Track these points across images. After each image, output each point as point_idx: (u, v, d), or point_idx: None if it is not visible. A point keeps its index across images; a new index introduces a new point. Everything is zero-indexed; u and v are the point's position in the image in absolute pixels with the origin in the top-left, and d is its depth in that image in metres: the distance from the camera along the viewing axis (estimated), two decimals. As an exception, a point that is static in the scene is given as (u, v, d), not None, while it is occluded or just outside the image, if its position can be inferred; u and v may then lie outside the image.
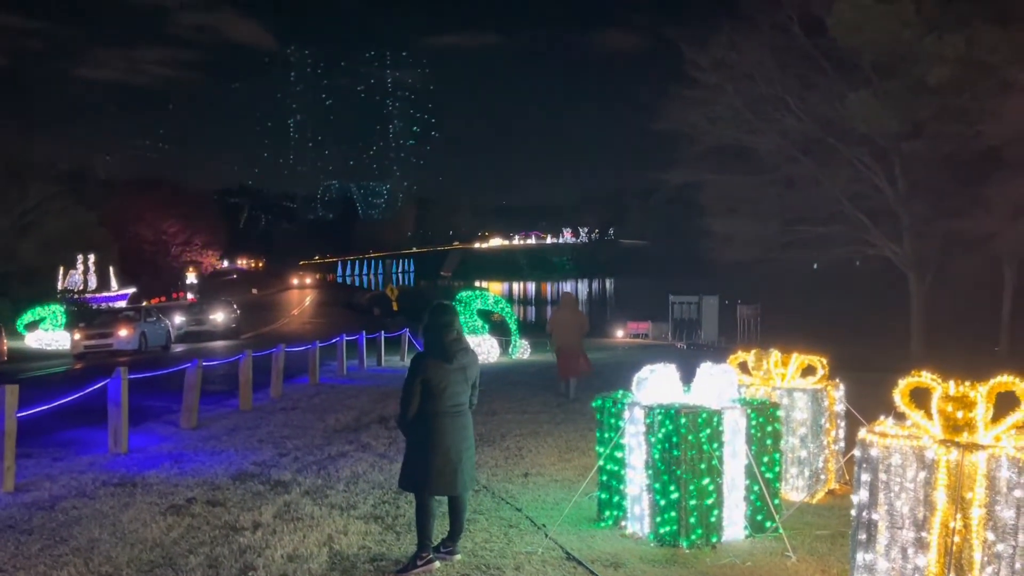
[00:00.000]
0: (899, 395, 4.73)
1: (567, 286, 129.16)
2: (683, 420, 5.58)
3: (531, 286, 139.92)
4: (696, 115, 27.13)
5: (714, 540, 5.69)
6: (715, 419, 5.69)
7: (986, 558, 4.23)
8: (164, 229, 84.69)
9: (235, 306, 36.25)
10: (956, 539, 4.30)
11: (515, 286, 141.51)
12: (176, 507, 7.02)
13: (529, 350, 24.11)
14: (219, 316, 33.62)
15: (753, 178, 27.40)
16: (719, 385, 5.96)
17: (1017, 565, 4.18)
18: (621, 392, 6.33)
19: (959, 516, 4.30)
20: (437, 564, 5.43)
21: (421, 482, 5.42)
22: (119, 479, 8.03)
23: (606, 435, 6.22)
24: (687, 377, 6.33)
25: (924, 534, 4.39)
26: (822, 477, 7.18)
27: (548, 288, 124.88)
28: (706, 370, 6.06)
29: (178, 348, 27.57)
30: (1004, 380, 4.49)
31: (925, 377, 4.67)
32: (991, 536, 4.23)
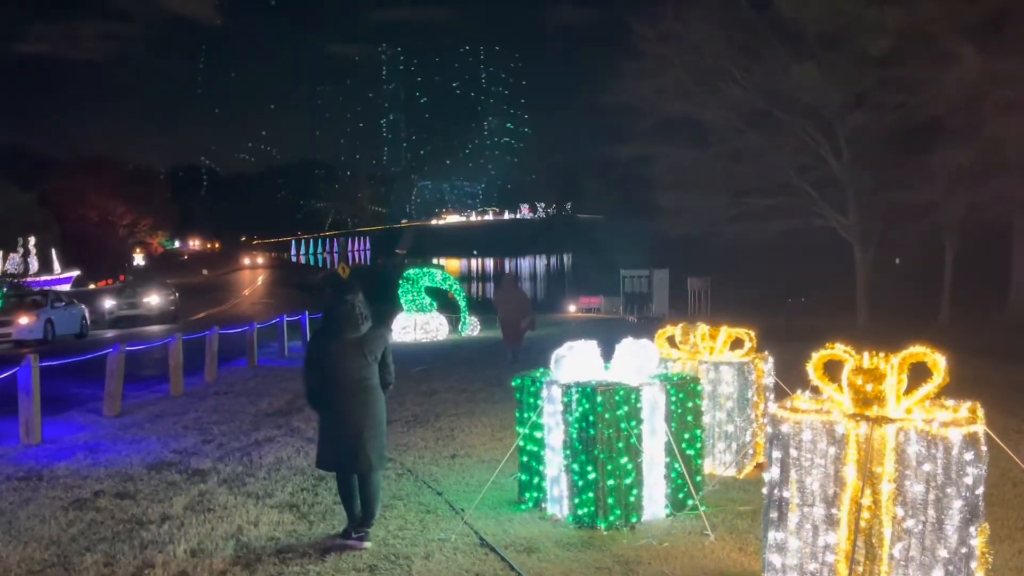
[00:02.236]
0: (812, 368, 4.60)
1: (524, 263, 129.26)
2: (599, 398, 5.40)
3: (488, 263, 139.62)
4: (644, 88, 26.99)
5: (633, 520, 5.55)
6: (633, 396, 5.52)
7: (896, 534, 4.13)
8: (111, 210, 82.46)
9: (173, 288, 33.72)
10: (866, 515, 4.19)
11: (473, 263, 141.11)
12: (81, 501, 6.68)
13: (479, 327, 23.86)
14: (153, 299, 30.78)
15: (701, 151, 27.40)
16: (638, 361, 5.79)
17: (927, 541, 4.08)
18: (541, 370, 6.14)
19: (869, 492, 4.19)
20: (368, 544, 5.39)
21: (326, 460, 5.49)
22: (25, 472, 7.64)
23: (525, 415, 6.03)
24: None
25: (834, 511, 4.27)
26: (750, 451, 7.09)
27: (505, 265, 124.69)
28: (626, 346, 5.89)
29: (108, 334, 25.53)
30: (916, 351, 4.37)
31: (838, 349, 4.54)
32: (900, 511, 4.12)
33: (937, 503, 4.06)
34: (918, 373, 4.48)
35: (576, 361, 5.82)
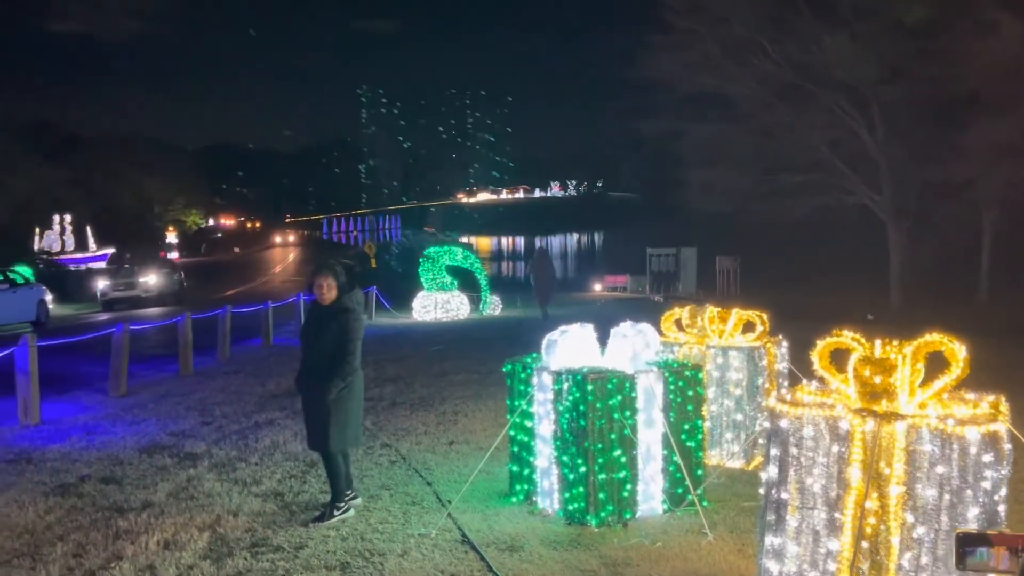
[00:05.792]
0: (817, 357, 4.20)
1: (555, 241, 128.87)
2: (590, 387, 5.04)
3: (519, 240, 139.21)
4: (672, 62, 26.25)
5: (628, 517, 5.20)
6: (627, 385, 5.16)
7: (905, 542, 3.74)
8: (145, 188, 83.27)
9: (177, 267, 31.50)
10: (871, 521, 3.81)
11: (504, 241, 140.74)
12: (65, 486, 6.50)
13: (500, 306, 23.50)
14: (152, 279, 27.80)
15: (730, 127, 26.65)
16: (635, 347, 5.42)
17: (939, 551, 3.69)
18: (533, 356, 5.79)
19: (875, 495, 3.80)
20: (352, 513, 5.56)
21: (356, 436, 5.71)
22: (15, 454, 7.49)
23: (515, 402, 5.70)
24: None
25: (837, 515, 3.89)
26: (760, 441, 6.69)
27: (536, 242, 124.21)
28: (621, 330, 5.51)
29: (102, 317, 23.61)
30: (932, 339, 3.95)
31: (846, 336, 4.13)
32: (910, 518, 3.73)
33: (951, 509, 3.66)
34: (941, 363, 4.07)
35: (569, 346, 5.47)
